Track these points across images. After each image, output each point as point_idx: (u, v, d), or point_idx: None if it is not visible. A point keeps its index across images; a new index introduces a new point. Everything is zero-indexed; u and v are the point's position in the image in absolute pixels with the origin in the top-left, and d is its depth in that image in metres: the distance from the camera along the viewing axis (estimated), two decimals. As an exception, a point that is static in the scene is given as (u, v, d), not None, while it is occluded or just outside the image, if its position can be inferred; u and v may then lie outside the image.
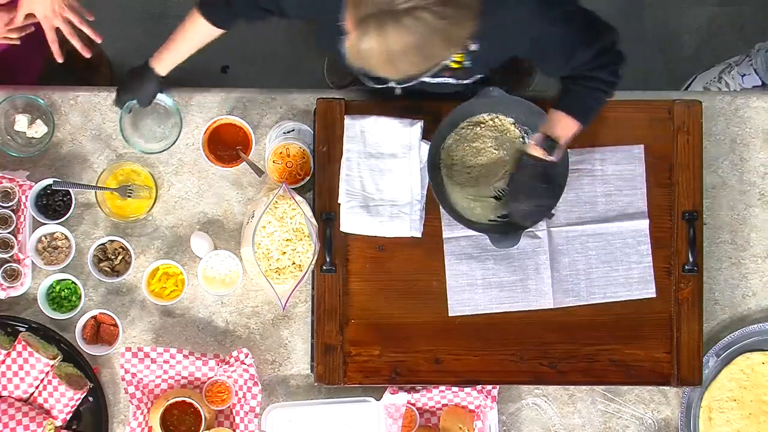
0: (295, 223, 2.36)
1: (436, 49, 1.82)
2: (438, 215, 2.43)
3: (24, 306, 2.48)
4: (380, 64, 1.83)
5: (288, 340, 2.51)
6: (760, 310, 2.54)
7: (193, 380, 2.46)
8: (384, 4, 1.77)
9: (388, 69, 1.85)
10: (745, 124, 2.56)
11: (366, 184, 2.41)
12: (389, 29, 1.77)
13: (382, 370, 2.42)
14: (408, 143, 2.41)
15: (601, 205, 2.45)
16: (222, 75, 3.45)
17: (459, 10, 1.81)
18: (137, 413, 2.42)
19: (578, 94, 2.22)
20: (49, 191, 2.45)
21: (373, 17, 1.78)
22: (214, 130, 2.47)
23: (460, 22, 1.82)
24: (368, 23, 1.78)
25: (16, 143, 2.50)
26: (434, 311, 2.43)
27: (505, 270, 2.44)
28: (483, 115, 2.39)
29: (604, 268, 2.45)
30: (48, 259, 2.45)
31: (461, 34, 1.84)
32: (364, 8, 1.78)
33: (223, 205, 2.51)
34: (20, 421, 2.34)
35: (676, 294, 2.43)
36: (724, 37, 3.51)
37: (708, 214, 2.53)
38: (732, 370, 2.50)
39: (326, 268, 2.40)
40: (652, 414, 2.53)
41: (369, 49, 1.80)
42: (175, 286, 2.47)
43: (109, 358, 2.48)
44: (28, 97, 2.48)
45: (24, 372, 2.38)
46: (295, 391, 2.51)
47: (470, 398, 2.46)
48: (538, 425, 2.53)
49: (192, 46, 2.36)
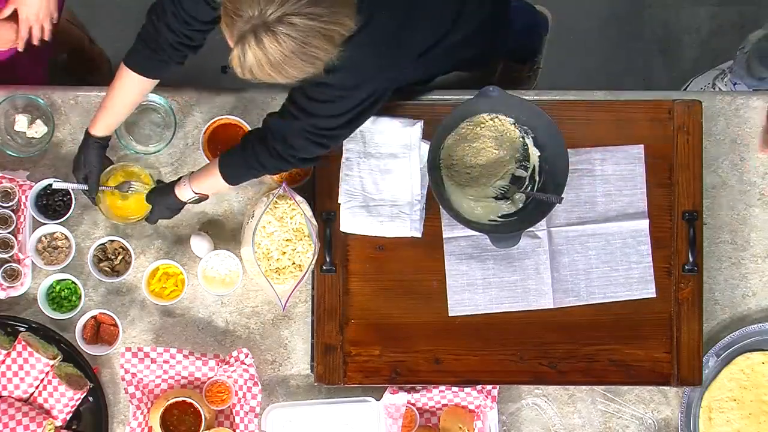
0: (295, 223, 2.36)
1: (316, 50, 1.86)
2: (438, 215, 2.43)
3: (24, 306, 2.48)
4: (268, 75, 1.89)
5: (288, 340, 2.51)
6: (760, 310, 2.54)
7: (193, 380, 2.46)
8: (256, 18, 1.82)
9: (277, 77, 1.90)
10: (745, 124, 2.56)
11: (366, 184, 2.41)
12: (266, 41, 1.83)
13: (382, 370, 2.42)
14: (408, 143, 2.41)
15: (601, 205, 2.45)
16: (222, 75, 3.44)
17: (332, 7, 1.84)
18: (137, 413, 2.42)
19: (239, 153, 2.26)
20: (49, 191, 2.45)
21: (249, 32, 1.83)
22: (214, 130, 2.47)
23: (335, 19, 1.85)
24: (246, 39, 1.84)
25: (16, 143, 2.50)
26: (434, 311, 2.43)
27: (505, 270, 2.44)
28: (483, 115, 2.39)
29: (604, 268, 2.45)
30: (48, 259, 2.45)
31: (339, 30, 1.87)
32: (238, 26, 1.84)
33: (223, 205, 2.51)
34: (20, 421, 2.34)
35: (676, 294, 2.43)
36: (724, 37, 3.51)
37: (708, 214, 2.52)
38: (732, 370, 2.50)
39: (326, 268, 2.40)
40: (652, 414, 2.53)
41: (253, 63, 1.87)
42: (175, 286, 2.47)
43: (109, 358, 2.48)
44: (28, 97, 2.48)
45: (24, 372, 2.38)
46: (295, 391, 2.51)
47: (470, 398, 2.46)
48: (538, 425, 2.53)
49: (127, 103, 2.31)
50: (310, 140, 2.16)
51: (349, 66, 1.95)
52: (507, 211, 2.41)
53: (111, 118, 2.33)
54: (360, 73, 2.05)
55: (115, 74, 2.30)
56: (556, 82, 3.26)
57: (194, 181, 2.32)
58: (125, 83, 2.29)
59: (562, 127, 2.32)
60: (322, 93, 2.08)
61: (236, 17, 1.84)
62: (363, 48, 1.98)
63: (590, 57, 3.47)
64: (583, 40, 3.47)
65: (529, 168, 2.42)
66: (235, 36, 1.86)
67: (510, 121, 2.39)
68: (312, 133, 2.15)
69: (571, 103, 2.47)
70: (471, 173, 2.42)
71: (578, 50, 3.46)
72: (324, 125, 2.14)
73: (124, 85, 2.29)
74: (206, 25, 2.21)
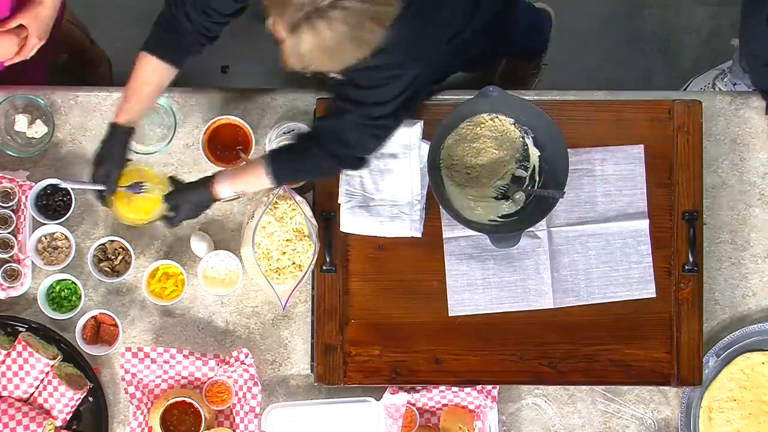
0: (295, 223, 2.36)
1: (368, 33, 1.87)
2: (438, 215, 2.43)
3: (24, 306, 2.48)
4: (322, 62, 1.89)
5: (288, 340, 2.51)
6: (760, 310, 2.54)
7: (193, 380, 2.46)
8: (308, 5, 1.83)
9: (330, 64, 1.91)
10: (745, 124, 2.56)
11: (366, 184, 2.41)
12: (321, 27, 1.83)
13: (382, 370, 2.42)
14: (408, 143, 2.41)
15: (601, 205, 2.45)
16: (222, 75, 3.45)
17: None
18: (137, 413, 2.42)
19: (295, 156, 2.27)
20: (49, 191, 2.45)
21: (303, 19, 1.84)
22: (214, 130, 2.47)
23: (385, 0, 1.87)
24: (300, 27, 1.84)
25: (16, 143, 2.50)
26: (434, 311, 2.43)
27: (505, 270, 2.44)
28: (483, 115, 2.39)
29: (604, 268, 2.45)
30: (48, 259, 2.45)
31: (388, 10, 1.89)
32: (291, 14, 1.84)
33: (223, 205, 2.51)
34: (20, 421, 2.34)
35: (676, 294, 2.43)
36: (724, 37, 3.50)
37: (708, 214, 2.52)
38: (732, 370, 2.50)
39: (326, 268, 2.40)
40: (652, 414, 2.53)
41: (308, 51, 1.87)
42: (175, 286, 2.47)
43: (109, 358, 2.48)
44: (28, 97, 2.48)
45: (24, 372, 2.38)
46: (295, 391, 2.51)
47: (470, 398, 2.46)
48: (538, 425, 2.53)
49: (147, 90, 2.28)
50: (364, 133, 2.17)
51: (395, 45, 1.96)
52: (507, 211, 2.41)
53: (133, 104, 2.28)
54: (405, 51, 2.06)
55: (135, 64, 2.29)
56: (556, 82, 3.27)
57: (234, 179, 2.29)
58: (143, 69, 2.27)
59: (562, 127, 2.32)
60: (370, 78, 2.09)
61: (287, 6, 1.84)
62: (407, 26, 1.98)
63: (590, 57, 3.47)
64: (583, 40, 3.47)
65: (529, 168, 2.42)
66: (287, 25, 1.85)
67: (510, 121, 2.39)
68: (365, 125, 2.16)
69: (571, 103, 2.47)
70: (471, 173, 2.42)
71: (578, 50, 3.46)
72: (376, 113, 2.15)
73: (142, 72, 2.27)
74: (225, 17, 2.21)
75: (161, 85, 2.30)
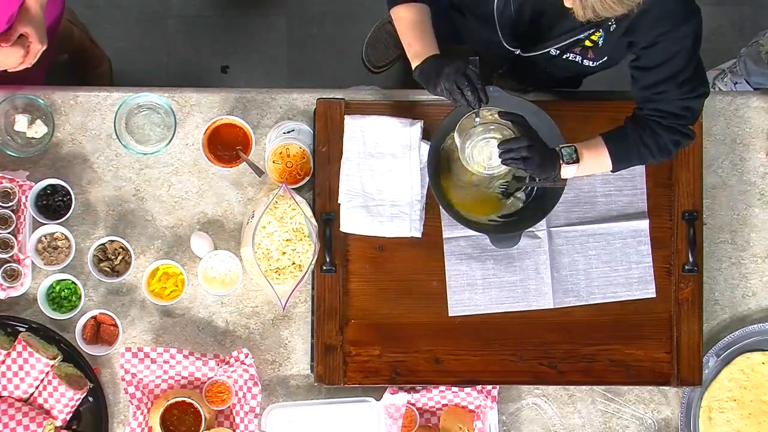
0: (295, 223, 2.37)
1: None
2: (438, 215, 2.43)
3: (24, 306, 2.48)
4: (610, 8, 1.92)
5: (288, 340, 2.51)
6: (760, 310, 2.54)
7: (193, 380, 2.46)
8: None
9: (617, 7, 1.92)
10: (745, 124, 2.56)
11: (366, 184, 2.41)
12: None
13: (382, 370, 2.42)
14: (408, 143, 2.41)
15: (601, 205, 2.45)
16: (222, 75, 3.46)
17: None
18: (137, 413, 2.42)
19: (631, 141, 2.25)
20: (49, 191, 2.45)
21: None
22: (214, 130, 2.47)
23: None
24: None
25: (16, 143, 2.50)
26: (434, 311, 2.43)
27: (505, 270, 2.44)
28: (483, 115, 2.39)
29: (604, 268, 2.45)
30: (48, 259, 2.45)
31: None
32: None
33: (223, 205, 2.52)
34: (20, 421, 2.34)
35: (676, 294, 2.43)
36: (724, 37, 3.51)
37: (708, 214, 2.53)
38: (732, 370, 2.50)
39: (326, 268, 2.40)
40: (652, 414, 2.53)
41: (595, 0, 1.90)
42: (175, 286, 2.47)
43: (109, 358, 2.48)
44: (28, 97, 2.48)
45: (24, 372, 2.38)
46: (295, 391, 2.51)
47: (470, 398, 2.46)
48: (538, 425, 2.53)
49: (421, 30, 2.26)
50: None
51: None
52: (507, 211, 2.41)
53: (419, 46, 2.25)
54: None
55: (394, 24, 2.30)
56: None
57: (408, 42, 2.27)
58: (403, 21, 2.27)
59: (562, 127, 2.31)
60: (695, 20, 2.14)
61: None
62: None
63: (590, 57, 3.47)
64: (583, 40, 3.47)
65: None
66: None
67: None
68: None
69: (571, 103, 2.47)
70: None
71: (578, 50, 3.45)
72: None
73: (403, 24, 2.26)
74: None
75: (424, 23, 2.27)
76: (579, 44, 2.24)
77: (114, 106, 2.48)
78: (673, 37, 2.12)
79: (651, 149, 2.24)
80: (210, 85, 2.56)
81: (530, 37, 2.27)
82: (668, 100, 2.20)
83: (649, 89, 2.21)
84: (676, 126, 2.23)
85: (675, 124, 2.23)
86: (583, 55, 2.27)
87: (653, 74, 2.18)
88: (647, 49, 2.16)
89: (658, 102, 2.21)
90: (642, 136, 2.24)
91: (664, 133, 2.23)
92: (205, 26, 3.42)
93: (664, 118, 2.22)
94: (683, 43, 2.14)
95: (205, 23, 3.42)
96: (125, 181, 2.51)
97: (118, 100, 2.48)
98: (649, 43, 2.14)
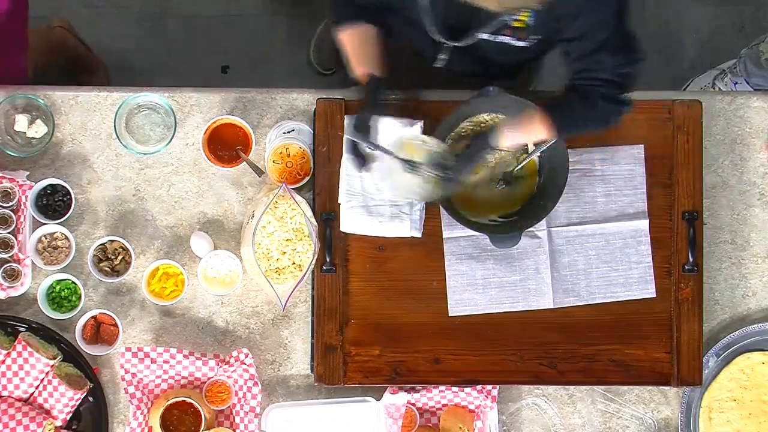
0: (295, 223, 2.37)
1: None
2: (438, 215, 2.43)
3: (24, 306, 2.49)
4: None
5: (288, 340, 2.51)
6: (760, 310, 2.55)
7: (193, 380, 2.47)
8: None
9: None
10: (745, 124, 2.56)
11: (366, 184, 2.41)
12: None
13: (382, 370, 2.42)
14: (408, 143, 2.41)
15: (601, 205, 2.45)
16: (222, 75, 3.46)
17: None
18: (137, 413, 2.42)
19: (575, 111, 2.24)
20: (49, 191, 2.45)
21: None
22: (214, 130, 2.47)
23: None
24: None
25: (16, 143, 2.50)
26: (434, 311, 2.43)
27: (505, 270, 2.44)
28: (483, 115, 2.39)
29: (604, 268, 2.45)
30: (48, 259, 2.45)
31: None
32: None
33: (223, 205, 2.52)
34: (20, 421, 2.34)
35: (676, 294, 2.43)
36: (724, 37, 3.51)
37: (708, 214, 2.53)
38: (732, 370, 2.50)
39: (326, 268, 2.40)
40: (652, 414, 2.53)
41: None
42: (175, 286, 2.47)
43: (109, 358, 2.48)
44: (28, 97, 2.48)
45: (24, 372, 2.38)
46: (295, 391, 2.51)
47: (470, 398, 2.46)
48: (538, 425, 2.53)
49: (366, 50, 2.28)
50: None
51: None
52: (507, 211, 2.41)
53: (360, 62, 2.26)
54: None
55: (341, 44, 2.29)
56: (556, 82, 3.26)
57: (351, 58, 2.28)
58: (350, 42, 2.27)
59: (562, 127, 2.31)
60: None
61: None
62: None
63: (590, 57, 3.47)
64: (583, 40, 3.47)
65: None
66: None
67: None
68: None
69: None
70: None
71: (578, 50, 3.46)
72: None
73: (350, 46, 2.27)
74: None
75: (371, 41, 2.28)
76: (508, 26, 2.22)
77: (114, 106, 2.48)
78: (596, 3, 2.12)
79: (591, 118, 2.24)
80: (210, 85, 2.55)
81: (459, 27, 2.25)
82: (604, 69, 2.19)
83: (583, 60, 2.21)
84: (613, 94, 2.22)
85: (613, 93, 2.22)
86: (515, 37, 2.25)
87: (584, 44, 2.18)
88: (573, 20, 2.15)
89: (594, 71, 2.21)
90: (583, 105, 2.23)
91: (603, 102, 2.22)
92: (205, 26, 3.42)
93: (602, 87, 2.21)
94: (608, 10, 2.14)
95: (205, 23, 3.42)
96: (125, 181, 2.51)
97: (118, 100, 2.48)
98: (573, 13, 2.13)
